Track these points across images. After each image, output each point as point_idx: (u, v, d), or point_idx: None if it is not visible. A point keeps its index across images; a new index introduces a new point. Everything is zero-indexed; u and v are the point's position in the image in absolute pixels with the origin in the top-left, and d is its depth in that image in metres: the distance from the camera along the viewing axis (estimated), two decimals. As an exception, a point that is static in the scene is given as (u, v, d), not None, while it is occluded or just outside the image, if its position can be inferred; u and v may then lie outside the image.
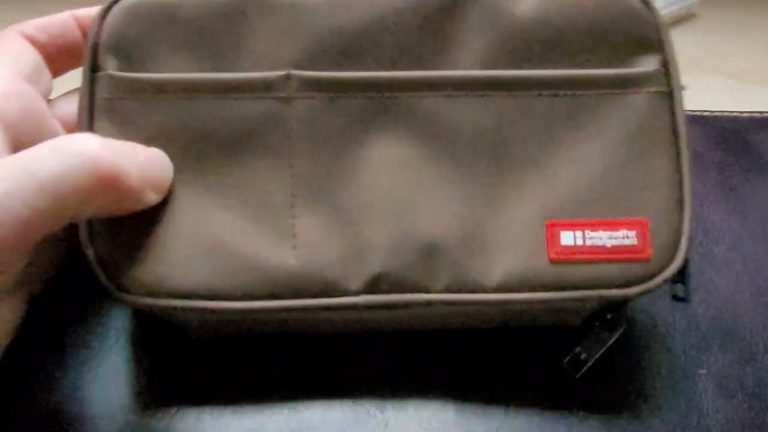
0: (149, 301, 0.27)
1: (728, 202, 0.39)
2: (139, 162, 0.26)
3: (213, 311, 0.27)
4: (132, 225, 0.27)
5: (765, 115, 0.44)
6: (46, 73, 0.30)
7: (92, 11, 0.30)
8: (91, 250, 0.27)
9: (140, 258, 0.27)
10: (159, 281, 0.27)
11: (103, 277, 0.27)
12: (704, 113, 0.45)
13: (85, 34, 0.30)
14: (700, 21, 0.58)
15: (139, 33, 0.28)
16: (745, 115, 0.44)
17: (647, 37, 0.30)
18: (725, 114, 0.44)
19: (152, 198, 0.27)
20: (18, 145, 0.26)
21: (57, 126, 0.29)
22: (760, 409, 0.30)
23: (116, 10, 0.29)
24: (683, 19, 0.58)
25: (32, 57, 0.29)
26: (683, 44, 0.55)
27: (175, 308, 0.27)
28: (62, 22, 0.30)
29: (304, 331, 0.31)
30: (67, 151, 0.24)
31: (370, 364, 0.31)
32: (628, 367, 0.31)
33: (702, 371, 0.31)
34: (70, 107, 0.30)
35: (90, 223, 0.27)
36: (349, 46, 0.29)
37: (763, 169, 0.40)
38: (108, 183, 0.24)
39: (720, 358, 0.32)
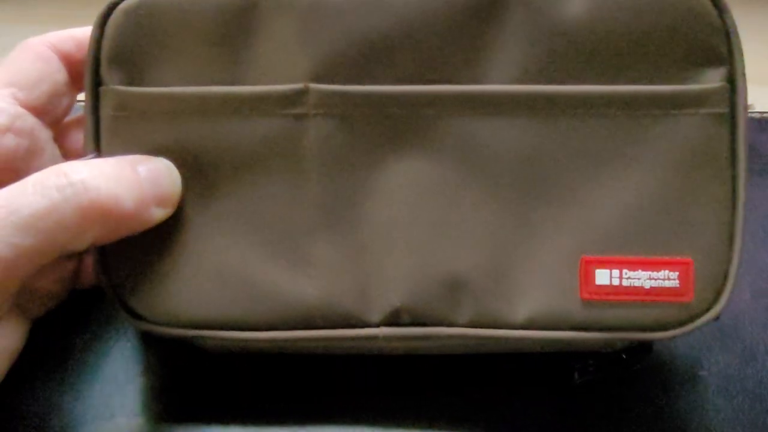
0: (165, 329, 0.26)
1: (728, 203, 0.38)
2: (138, 181, 0.25)
3: (230, 341, 0.26)
4: (145, 251, 0.26)
5: (765, 115, 0.44)
6: (68, 97, 0.29)
7: None
8: (104, 276, 0.26)
9: (155, 286, 0.26)
10: (175, 310, 0.26)
11: (117, 305, 0.26)
12: (704, 113, 0.45)
13: None
14: (700, 21, 0.58)
15: (143, 40, 0.26)
16: (745, 115, 0.44)
17: (713, 46, 0.26)
18: (725, 114, 0.44)
19: (159, 214, 0.26)
20: (11, 179, 0.25)
21: (56, 156, 0.29)
22: (761, 410, 0.30)
23: (117, 15, 0.26)
24: (683, 19, 0.58)
25: (55, 82, 0.28)
26: (683, 44, 0.55)
27: (191, 337, 0.26)
28: None
29: (318, 355, 0.30)
30: (51, 185, 0.23)
31: (380, 384, 0.30)
32: (628, 368, 0.31)
33: (703, 372, 0.31)
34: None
35: (103, 249, 0.26)
36: (372, 56, 0.26)
37: (763, 169, 0.40)
38: (98, 214, 0.23)
39: (721, 359, 0.32)
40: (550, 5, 0.26)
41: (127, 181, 0.25)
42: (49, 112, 0.28)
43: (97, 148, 0.26)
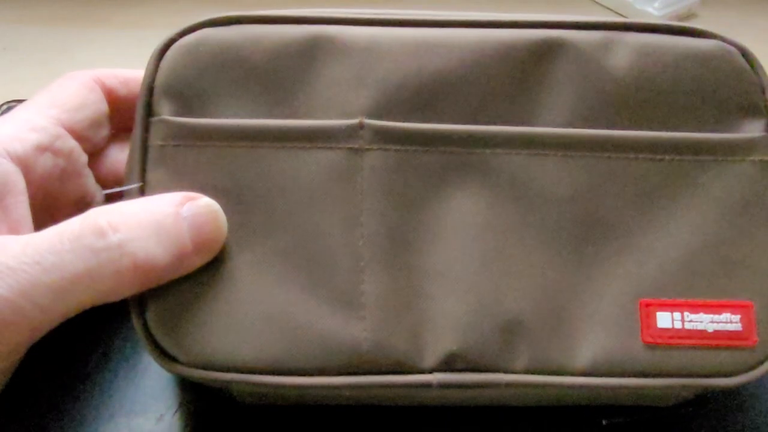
0: (202, 373, 0.24)
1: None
2: (179, 231, 0.24)
3: (272, 386, 0.24)
4: (185, 289, 0.25)
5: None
6: (107, 129, 0.29)
7: None
8: (137, 315, 0.25)
9: (193, 326, 0.24)
10: (214, 353, 0.24)
11: (149, 345, 0.25)
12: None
13: None
14: (700, 21, 0.58)
15: (198, 75, 0.26)
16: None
17: (752, 100, 0.27)
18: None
19: (198, 262, 0.24)
20: (40, 198, 0.25)
21: (92, 183, 0.28)
22: (761, 410, 0.30)
23: (174, 50, 0.26)
24: (683, 19, 0.58)
25: (96, 108, 0.28)
26: (683, 44, 0.55)
27: (229, 382, 0.24)
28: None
29: (363, 404, 0.28)
30: (87, 244, 0.22)
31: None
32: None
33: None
34: (124, 156, 0.28)
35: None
36: (427, 96, 0.26)
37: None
38: (134, 277, 0.23)
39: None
40: (597, 57, 0.27)
41: (167, 234, 0.23)
42: (89, 138, 0.28)
43: (143, 178, 0.26)
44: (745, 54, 0.27)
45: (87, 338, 0.31)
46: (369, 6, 0.28)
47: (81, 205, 0.28)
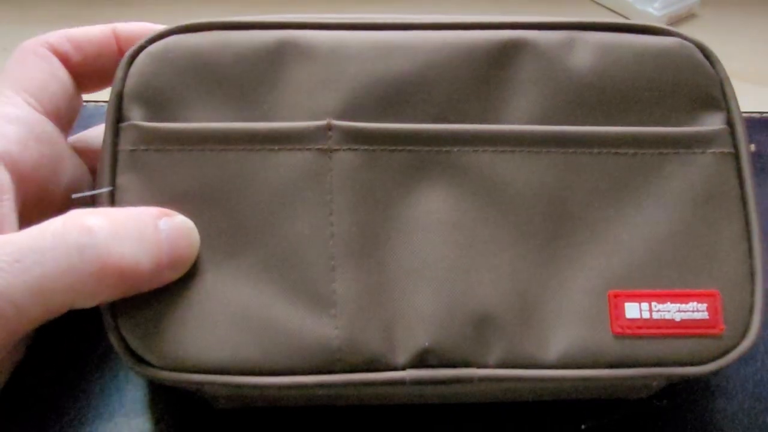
0: (174, 375, 0.24)
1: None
2: (159, 242, 0.24)
3: (245, 387, 0.24)
4: (156, 294, 0.25)
5: (765, 115, 0.44)
6: (76, 99, 0.27)
7: (136, 27, 0.28)
8: (109, 316, 0.25)
9: (165, 329, 0.24)
10: (185, 354, 0.24)
11: (120, 347, 0.25)
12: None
13: (123, 53, 0.27)
14: (700, 21, 0.58)
15: (168, 80, 0.26)
16: (744, 115, 0.44)
17: (711, 94, 0.28)
18: (725, 114, 0.44)
19: (170, 277, 0.24)
20: (34, 191, 0.24)
21: (78, 164, 0.27)
22: (761, 410, 0.30)
23: (143, 56, 0.26)
24: (683, 19, 0.58)
25: (62, 82, 0.27)
26: (683, 44, 0.54)
27: (202, 383, 0.24)
28: (100, 39, 0.27)
29: (334, 404, 0.29)
30: (72, 242, 0.21)
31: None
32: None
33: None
34: (97, 139, 0.27)
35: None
36: (394, 97, 0.27)
37: (763, 169, 0.40)
38: (115, 278, 0.22)
39: (720, 358, 0.32)
40: (559, 56, 0.27)
41: (149, 242, 0.23)
42: (61, 115, 0.27)
43: (113, 183, 0.26)
44: (703, 50, 0.28)
45: (87, 338, 0.31)
46: (354, 11, 0.29)
47: (75, 190, 0.27)
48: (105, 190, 0.25)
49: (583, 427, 0.29)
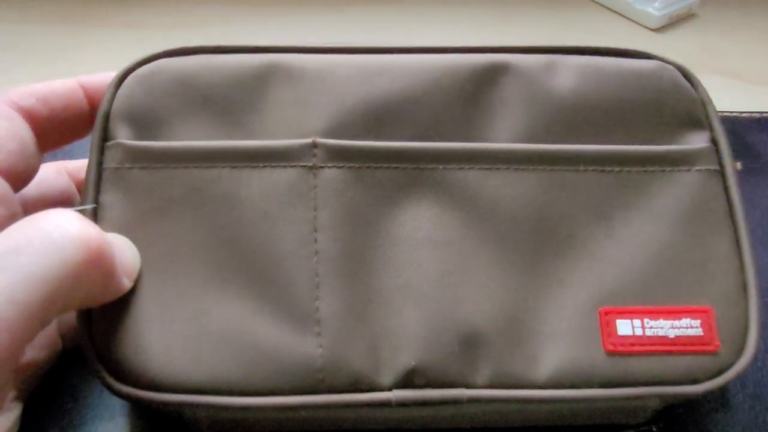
0: (153, 395, 0.24)
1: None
2: (118, 245, 0.24)
3: (227, 409, 0.24)
4: (133, 313, 0.24)
5: (765, 115, 0.44)
6: (35, 159, 0.26)
7: (102, 78, 0.27)
8: (87, 339, 0.24)
9: (142, 349, 0.24)
10: (165, 373, 0.24)
11: (101, 369, 0.24)
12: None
13: (92, 103, 0.27)
14: (700, 21, 0.58)
15: (154, 101, 0.27)
16: (744, 115, 0.44)
17: (694, 114, 0.28)
18: (725, 114, 0.44)
19: (127, 285, 0.24)
20: None
21: (66, 184, 0.28)
22: (761, 410, 0.30)
23: (131, 78, 0.27)
24: (683, 19, 0.58)
25: (21, 142, 0.26)
26: (683, 44, 0.54)
27: (180, 404, 0.24)
28: (67, 91, 0.27)
29: (324, 429, 0.28)
30: (54, 236, 0.21)
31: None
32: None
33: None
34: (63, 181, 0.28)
35: (87, 312, 0.25)
36: (380, 117, 0.27)
37: (763, 169, 0.40)
38: (96, 260, 0.22)
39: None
40: (541, 78, 0.28)
41: (110, 240, 0.23)
42: (19, 175, 0.26)
43: (96, 201, 0.26)
44: (684, 72, 0.29)
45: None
46: (354, 11, 0.29)
47: None
48: (88, 206, 0.26)
49: None
